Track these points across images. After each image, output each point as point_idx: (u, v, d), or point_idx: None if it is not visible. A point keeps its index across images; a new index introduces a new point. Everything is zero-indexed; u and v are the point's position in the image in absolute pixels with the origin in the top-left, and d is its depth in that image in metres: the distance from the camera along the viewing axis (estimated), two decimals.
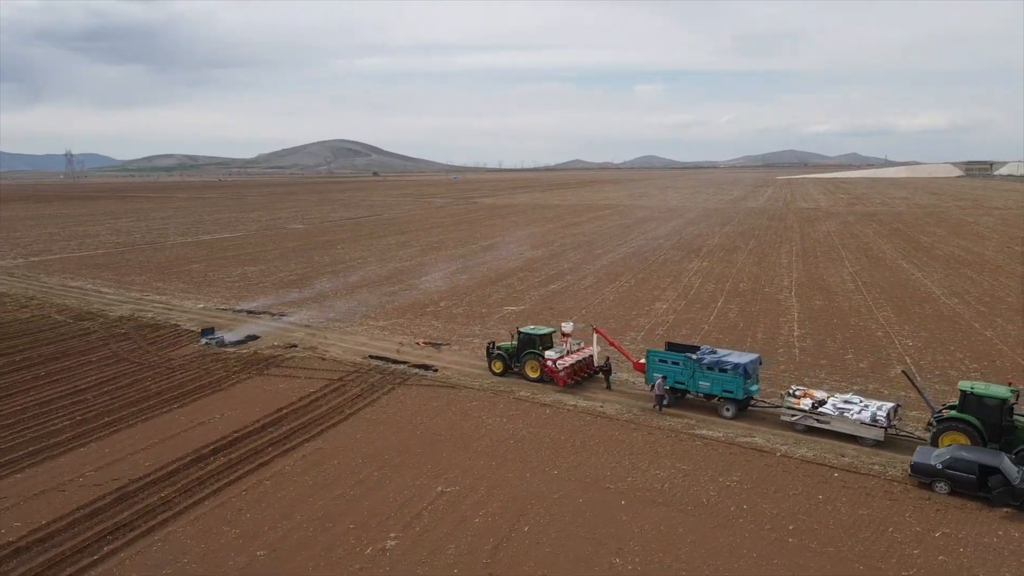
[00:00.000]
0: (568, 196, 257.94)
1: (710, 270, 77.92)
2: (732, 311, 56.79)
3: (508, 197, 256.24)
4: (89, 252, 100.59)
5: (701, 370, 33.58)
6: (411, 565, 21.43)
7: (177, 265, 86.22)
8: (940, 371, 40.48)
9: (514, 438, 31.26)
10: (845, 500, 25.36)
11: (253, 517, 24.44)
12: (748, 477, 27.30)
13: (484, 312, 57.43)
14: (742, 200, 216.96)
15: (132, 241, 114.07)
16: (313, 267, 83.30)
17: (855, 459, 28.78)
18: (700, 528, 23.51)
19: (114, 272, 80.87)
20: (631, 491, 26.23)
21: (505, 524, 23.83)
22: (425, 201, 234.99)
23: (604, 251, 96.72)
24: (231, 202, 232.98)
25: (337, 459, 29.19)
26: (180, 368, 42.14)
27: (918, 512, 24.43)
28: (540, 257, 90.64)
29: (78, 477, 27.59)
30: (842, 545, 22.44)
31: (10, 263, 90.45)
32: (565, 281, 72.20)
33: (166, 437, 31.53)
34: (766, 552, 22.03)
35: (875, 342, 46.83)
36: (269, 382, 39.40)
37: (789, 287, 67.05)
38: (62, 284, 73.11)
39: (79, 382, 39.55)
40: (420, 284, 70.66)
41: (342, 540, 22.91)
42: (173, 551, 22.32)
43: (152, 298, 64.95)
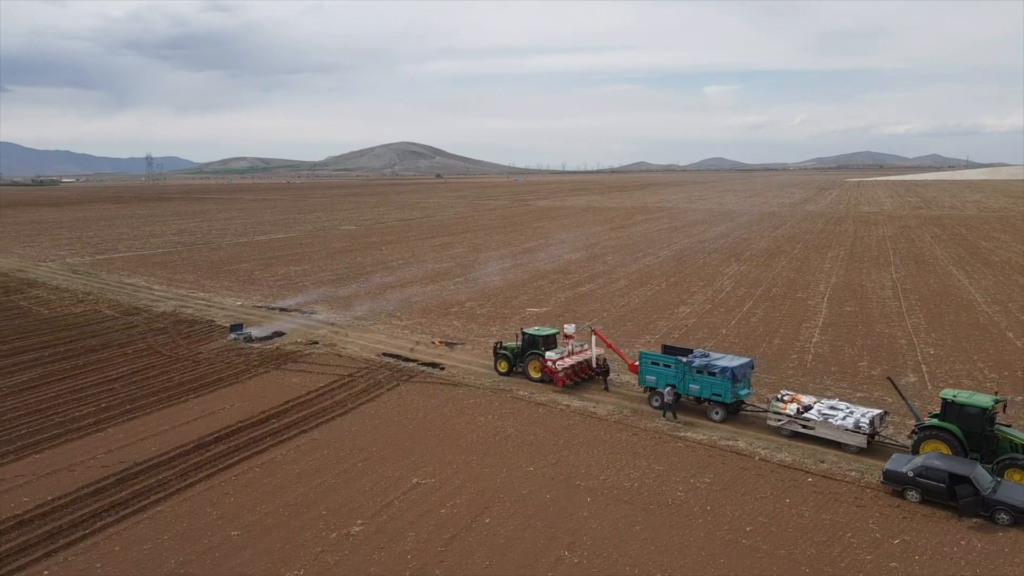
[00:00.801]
0: (624, 199, 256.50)
1: (746, 274, 76.99)
2: (756, 316, 56.25)
3: (563, 199, 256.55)
4: (150, 251, 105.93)
5: (691, 373, 33.78)
6: (369, 550, 22.59)
7: (227, 264, 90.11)
8: (954, 380, 39.44)
9: (501, 435, 32.16)
10: (811, 505, 25.35)
11: (236, 501, 26.05)
12: (720, 479, 27.51)
13: (507, 313, 58.41)
14: (802, 203, 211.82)
15: (192, 241, 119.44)
16: (354, 268, 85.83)
17: (833, 465, 28.62)
18: (657, 526, 23.95)
19: (168, 270, 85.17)
20: (600, 489, 26.80)
21: (468, 516, 24.76)
22: (480, 203, 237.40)
23: (644, 254, 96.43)
24: (293, 204, 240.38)
25: (328, 450, 30.66)
26: (205, 361, 44.53)
27: (882, 519, 24.27)
28: (578, 259, 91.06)
29: (90, 459, 29.80)
30: (794, 548, 22.55)
31: (78, 260, 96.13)
32: (596, 284, 72.54)
33: (177, 425, 33.61)
34: (715, 552, 22.35)
35: (895, 349, 45.84)
36: (283, 376, 41.32)
37: (823, 293, 65.80)
38: (119, 281, 77.48)
39: (111, 372, 42.30)
40: (451, 285, 72.15)
41: (312, 524, 24.26)
42: (156, 528, 24.07)
43: (197, 295, 68.31)
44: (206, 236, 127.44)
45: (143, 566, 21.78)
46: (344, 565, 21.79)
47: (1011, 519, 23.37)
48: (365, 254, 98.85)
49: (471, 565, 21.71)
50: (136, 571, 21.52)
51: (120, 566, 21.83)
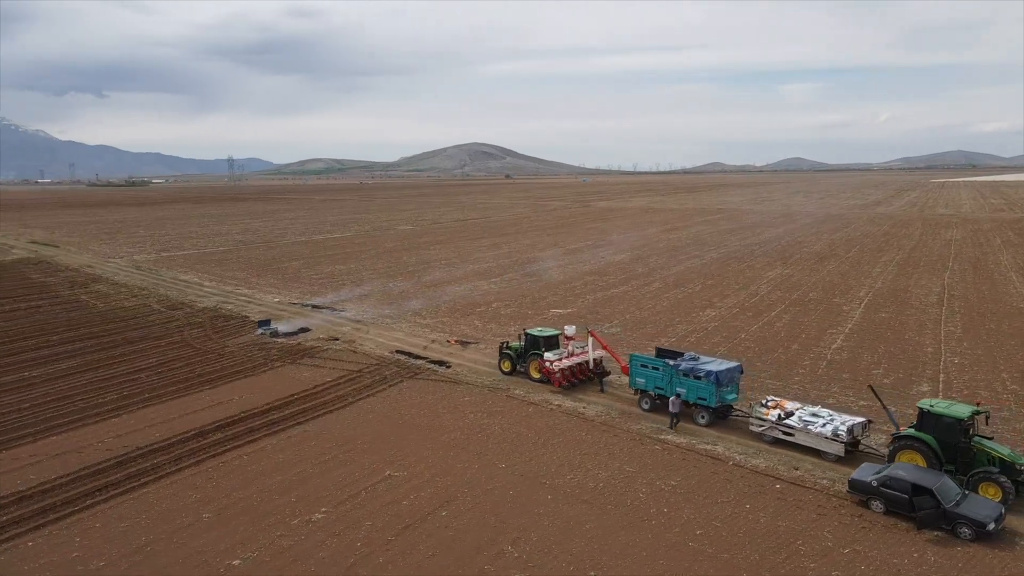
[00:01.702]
0: (688, 200, 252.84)
1: (788, 278, 75.28)
2: (782, 320, 55.13)
3: (626, 200, 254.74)
4: (212, 249, 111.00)
5: (678, 376, 33.70)
6: (324, 536, 23.72)
7: (278, 262, 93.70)
8: (969, 391, 37.96)
9: (484, 432, 32.87)
10: (771, 511, 25.13)
11: (217, 486, 27.64)
12: (687, 482, 27.51)
13: (531, 314, 58.98)
14: (874, 205, 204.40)
15: (252, 240, 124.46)
16: (396, 267, 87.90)
17: (807, 472, 28.20)
18: (608, 526, 24.23)
19: (222, 268, 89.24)
20: (564, 488, 27.21)
21: (427, 508, 25.61)
22: (541, 203, 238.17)
23: (690, 256, 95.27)
24: (359, 204, 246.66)
25: (316, 441, 32.05)
26: (229, 354, 46.84)
27: (839, 528, 23.88)
28: (620, 261, 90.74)
29: (99, 442, 32.04)
30: (739, 553, 22.49)
31: (143, 257, 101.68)
32: (630, 286, 72.30)
33: (185, 413, 35.67)
34: (656, 553, 22.51)
35: (916, 358, 44.32)
36: (296, 370, 43.12)
37: (862, 298, 63.83)
38: (174, 277, 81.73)
39: (141, 363, 45.04)
40: (484, 285, 73.17)
41: (280, 510, 25.58)
42: (138, 509, 25.84)
43: (241, 292, 71.49)
44: (267, 235, 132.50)
45: (115, 542, 23.49)
46: (296, 549, 22.97)
47: (972, 534, 22.66)
48: (411, 254, 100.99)
49: (414, 555, 22.54)
50: (107, 546, 23.23)
51: (95, 541, 23.60)
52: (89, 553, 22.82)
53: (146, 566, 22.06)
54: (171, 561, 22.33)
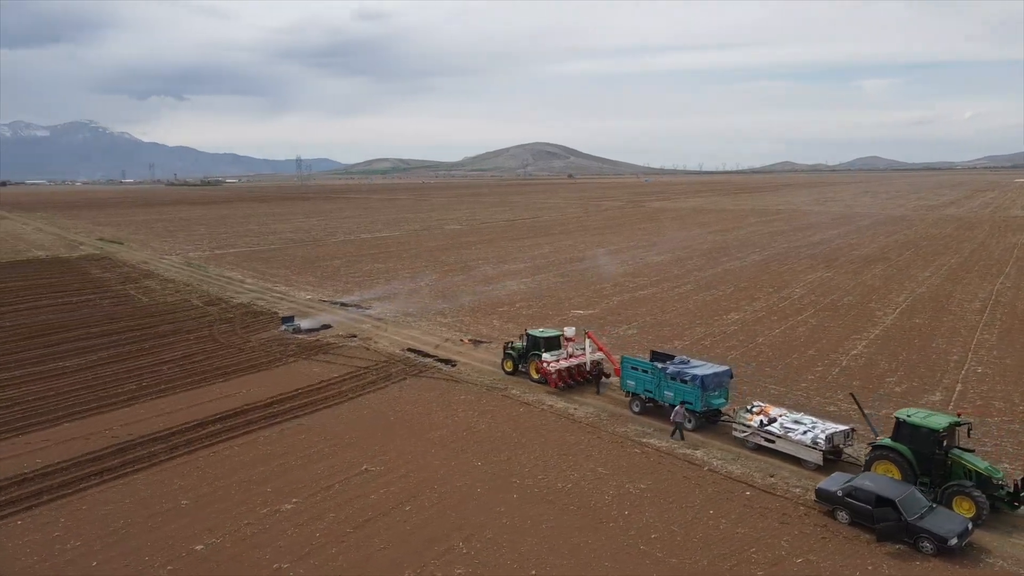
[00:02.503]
0: (747, 200, 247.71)
1: (826, 282, 73.28)
2: (807, 325, 53.82)
3: (683, 200, 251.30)
4: (262, 247, 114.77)
5: (665, 380, 33.46)
6: (287, 526, 24.62)
7: (320, 260, 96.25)
8: (983, 402, 36.46)
9: (471, 431, 33.35)
10: (734, 518, 24.83)
11: (202, 475, 28.93)
12: (657, 486, 27.39)
13: (551, 314, 59.13)
14: (944, 206, 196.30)
15: (303, 238, 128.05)
16: (431, 266, 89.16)
17: (782, 480, 27.69)
18: (564, 527, 24.39)
19: (266, 265, 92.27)
20: (532, 487, 27.45)
21: (392, 503, 26.26)
22: (595, 204, 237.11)
23: (731, 258, 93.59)
24: (414, 204, 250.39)
25: (306, 435, 33.12)
26: (249, 349, 48.62)
27: (798, 537, 23.44)
28: (658, 263, 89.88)
29: (107, 430, 33.86)
30: (688, 558, 22.35)
31: (197, 254, 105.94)
32: (660, 287, 71.63)
33: (193, 405, 37.32)
34: (604, 555, 22.56)
35: (937, 367, 42.71)
36: (307, 366, 44.47)
37: (900, 303, 61.68)
38: (220, 274, 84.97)
39: (166, 355, 47.21)
40: (513, 284, 73.62)
41: (253, 500, 26.64)
42: (124, 494, 27.30)
43: (278, 288, 73.87)
44: (318, 234, 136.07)
45: (94, 524, 24.92)
46: (258, 537, 23.93)
47: (934, 548, 21.93)
48: (451, 253, 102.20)
49: (366, 547, 23.20)
50: (86, 528, 24.67)
51: (77, 523, 25.08)
52: (68, 534, 24.28)
53: (116, 548, 23.35)
54: (140, 544, 23.57)
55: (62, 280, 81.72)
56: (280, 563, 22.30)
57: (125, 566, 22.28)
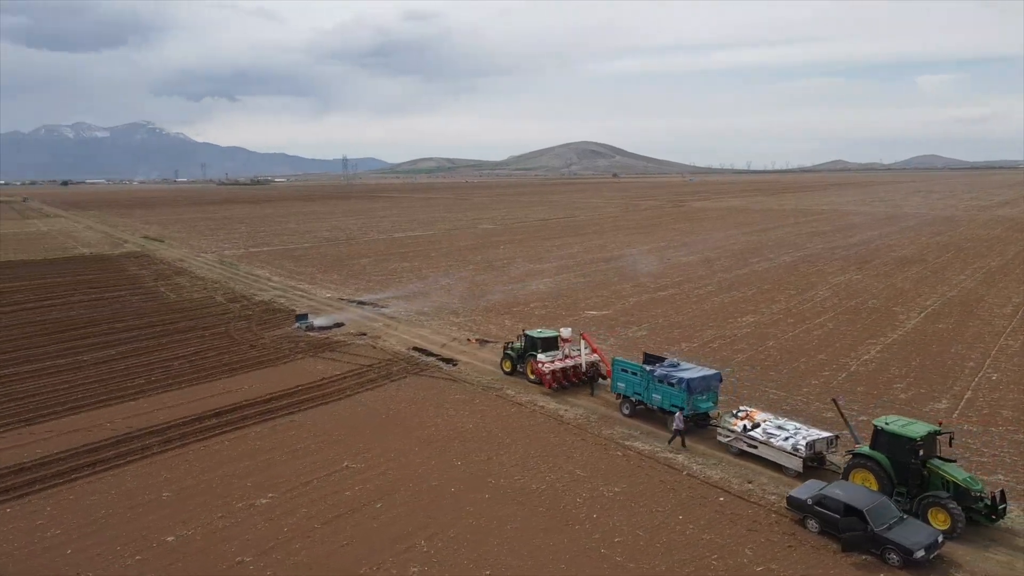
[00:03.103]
0: (790, 200, 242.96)
1: (854, 284, 71.53)
2: (822, 329, 52.61)
3: (724, 200, 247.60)
4: (295, 245, 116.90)
5: (654, 383, 33.12)
6: (258, 520, 25.14)
7: (349, 259, 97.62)
8: (990, 410, 35.22)
9: (457, 430, 33.52)
10: (702, 523, 24.49)
11: (188, 468, 29.70)
12: (631, 490, 27.16)
13: (564, 315, 58.95)
14: (997, 206, 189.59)
15: (337, 237, 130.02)
16: (459, 265, 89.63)
17: (759, 487, 27.18)
18: (529, 528, 24.37)
19: (295, 263, 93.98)
20: (506, 488, 27.50)
21: (365, 500, 26.59)
22: (634, 203, 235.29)
23: (761, 259, 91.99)
24: (453, 203, 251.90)
25: (296, 431, 33.72)
26: (260, 346, 49.65)
27: (763, 545, 23.00)
28: (686, 263, 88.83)
29: (108, 423, 34.99)
30: (647, 563, 22.14)
31: (232, 252, 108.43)
32: (681, 289, 70.81)
33: (195, 399, 38.30)
34: (562, 558, 22.49)
35: (950, 373, 41.38)
36: (313, 363, 45.22)
37: (927, 307, 59.87)
38: (248, 272, 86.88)
39: (180, 351, 48.52)
40: (532, 285, 73.57)
41: (232, 493, 27.26)
42: (111, 485, 28.20)
43: (301, 286, 75.22)
44: (352, 233, 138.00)
45: (78, 514, 25.81)
46: (228, 530, 24.49)
47: (900, 560, 21.30)
48: (479, 253, 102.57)
49: (330, 544, 23.55)
50: (68, 517, 25.57)
51: (62, 512, 26.01)
52: (51, 522, 25.21)
53: (93, 537, 24.15)
54: (116, 534, 24.34)
55: (99, 277, 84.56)
56: (243, 556, 22.78)
57: (97, 555, 23.03)
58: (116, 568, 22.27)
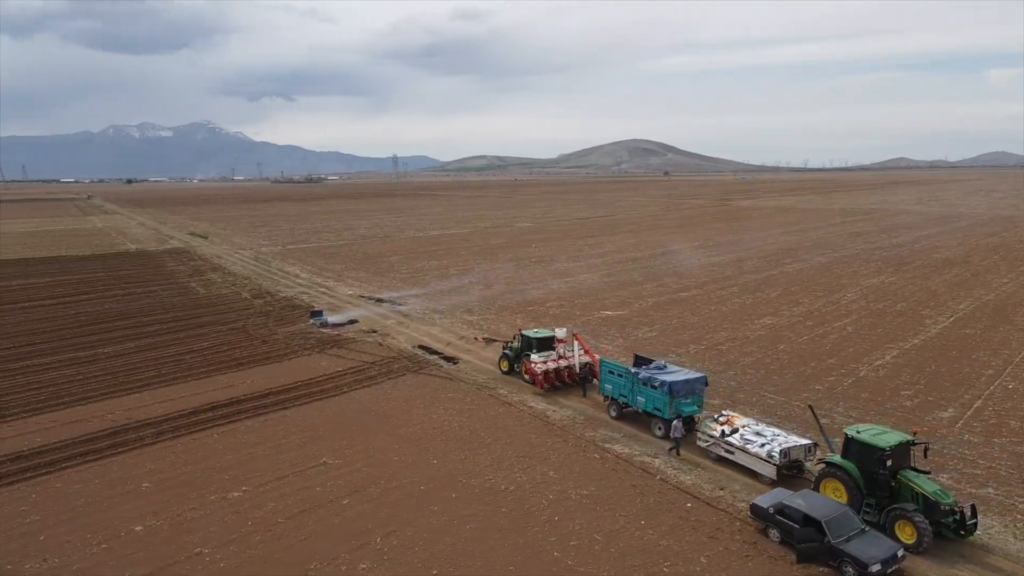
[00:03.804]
0: (841, 199, 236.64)
1: (886, 286, 69.31)
2: (839, 333, 51.10)
3: (771, 199, 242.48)
4: (332, 243, 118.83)
5: (639, 385, 32.67)
6: (225, 513, 25.69)
7: (379, 257, 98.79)
8: (997, 421, 33.73)
9: (441, 429, 33.64)
10: (663, 529, 24.08)
11: (174, 460, 30.51)
12: (601, 493, 26.88)
13: (577, 315, 58.62)
14: None
15: (374, 234, 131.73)
16: (486, 264, 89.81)
17: (730, 493, 26.58)
18: (488, 529, 24.33)
19: (326, 260, 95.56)
20: (475, 487, 27.50)
21: (334, 496, 26.93)
22: (679, 202, 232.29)
23: (795, 260, 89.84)
24: (496, 201, 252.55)
25: (284, 426, 34.33)
26: (272, 341, 50.66)
27: (721, 554, 22.49)
28: (714, 263, 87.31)
29: (110, 414, 36.18)
30: (597, 568, 21.87)
31: (269, 249, 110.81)
32: (704, 290, 69.66)
33: (197, 393, 39.31)
34: (514, 560, 22.39)
35: (964, 381, 39.78)
36: (318, 359, 45.93)
37: (959, 311, 57.68)
38: (280, 268, 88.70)
39: (194, 345, 49.85)
40: (553, 284, 73.29)
41: (208, 486, 27.91)
42: (97, 474, 29.15)
43: (327, 283, 76.46)
44: (390, 230, 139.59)
45: (59, 501, 26.79)
46: (195, 521, 25.11)
47: (856, 574, 20.57)
48: (509, 251, 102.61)
49: (289, 538, 23.92)
50: (50, 504, 26.56)
51: (45, 499, 27.02)
52: (33, 509, 26.23)
53: (67, 524, 25.04)
54: (90, 522, 25.19)
55: (138, 272, 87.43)
56: (202, 548, 23.32)
57: (67, 542, 23.86)
58: (80, 556, 23.03)
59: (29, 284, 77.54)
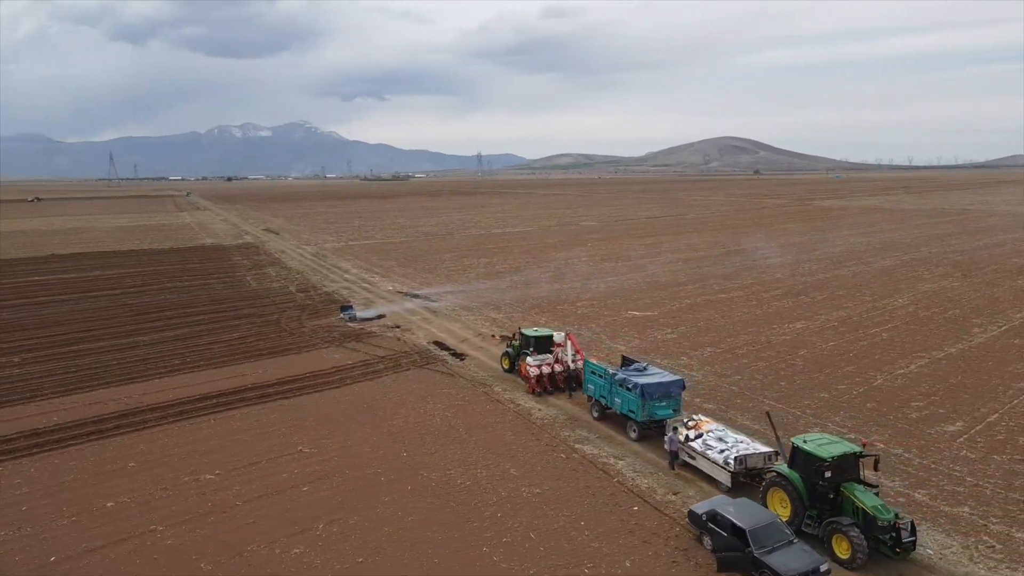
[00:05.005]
0: (934, 199, 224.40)
1: (943, 292, 65.61)
2: (871, 339, 48.81)
3: (860, 199, 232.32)
4: (392, 239, 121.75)
5: (616, 386, 32.35)
6: (191, 494, 27.13)
7: (433, 254, 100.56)
8: (1007, 435, 31.63)
9: (423, 423, 34.28)
10: (601, 531, 23.90)
11: (165, 442, 32.33)
12: (551, 492, 26.88)
13: (604, 315, 58.20)
14: None
15: (435, 232, 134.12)
16: (533, 262, 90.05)
17: (684, 499, 26.05)
18: (428, 522, 24.77)
19: (380, 257, 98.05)
20: (432, 481, 27.98)
21: (295, 483, 27.97)
22: (756, 201, 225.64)
23: (856, 263, 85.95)
24: (573, 199, 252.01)
25: (277, 415, 35.77)
26: (299, 334, 52.65)
27: (649, 558, 22.16)
28: (766, 266, 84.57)
29: (125, 398, 38.60)
30: (519, 565, 21.95)
31: (331, 245, 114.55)
32: (746, 292, 67.79)
33: (210, 381, 41.39)
34: (443, 552, 22.73)
35: (988, 394, 37.41)
36: (333, 352, 47.45)
37: (1013, 321, 54.10)
38: (333, 264, 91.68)
39: (224, 336, 52.38)
40: (593, 283, 72.86)
41: (185, 468, 29.50)
42: (93, 452, 31.25)
43: (373, 279, 78.59)
44: (454, 228, 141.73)
45: (51, 476, 28.91)
46: (160, 500, 26.65)
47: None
48: (562, 250, 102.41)
49: (239, 520, 25.07)
50: (41, 479, 28.66)
51: (41, 474, 29.18)
52: (26, 482, 28.42)
53: (49, 498, 27.04)
54: (70, 496, 27.11)
55: (203, 265, 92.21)
56: (158, 526, 24.75)
57: (43, 514, 25.79)
58: (50, 527, 24.85)
59: (100, 275, 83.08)
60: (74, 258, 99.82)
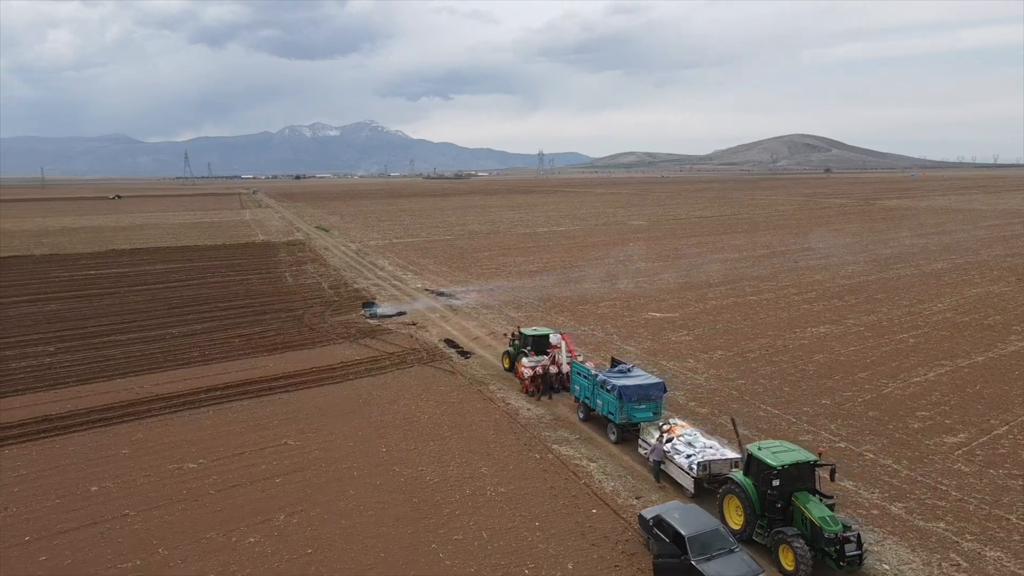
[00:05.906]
0: (1011, 199, 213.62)
1: (991, 297, 62.64)
2: (893, 346, 46.96)
3: (931, 199, 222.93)
4: (435, 237, 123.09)
5: (598, 388, 32.04)
6: (171, 481, 28.15)
7: (471, 252, 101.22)
8: (1010, 449, 30.02)
9: (412, 419, 34.66)
10: (552, 533, 23.77)
11: (161, 431, 33.60)
12: (515, 492, 26.84)
13: (624, 315, 57.63)
14: None
15: (480, 230, 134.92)
16: (568, 261, 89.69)
17: (646, 503, 25.61)
18: (385, 517, 25.09)
19: (418, 254, 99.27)
20: (402, 477, 28.31)
21: (270, 474, 28.70)
22: (821, 201, 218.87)
23: (905, 265, 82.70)
24: (629, 198, 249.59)
25: (274, 407, 36.72)
26: (317, 329, 53.87)
27: (592, 562, 21.94)
28: (806, 267, 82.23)
29: (140, 387, 40.28)
30: (461, 564, 22.04)
31: (375, 243, 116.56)
32: (778, 294, 66.07)
33: (221, 373, 42.77)
34: (392, 548, 23.00)
35: (1002, 406, 35.57)
36: (345, 348, 48.37)
37: None
38: (371, 262, 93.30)
39: (247, 330, 54.00)
40: (621, 284, 72.15)
41: (172, 456, 30.60)
42: (93, 438, 32.71)
43: (405, 276, 79.69)
44: (500, 227, 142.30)
45: (48, 459, 30.42)
46: (140, 486, 27.75)
47: None
48: (601, 250, 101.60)
49: (208, 508, 25.91)
50: (40, 462, 30.19)
51: (42, 457, 30.74)
52: (24, 465, 29.97)
53: (41, 480, 28.50)
54: (61, 480, 28.50)
55: (248, 261, 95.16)
56: (132, 511, 25.80)
57: (32, 495, 27.20)
58: (34, 508, 26.20)
59: (148, 270, 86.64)
60: (130, 254, 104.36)
